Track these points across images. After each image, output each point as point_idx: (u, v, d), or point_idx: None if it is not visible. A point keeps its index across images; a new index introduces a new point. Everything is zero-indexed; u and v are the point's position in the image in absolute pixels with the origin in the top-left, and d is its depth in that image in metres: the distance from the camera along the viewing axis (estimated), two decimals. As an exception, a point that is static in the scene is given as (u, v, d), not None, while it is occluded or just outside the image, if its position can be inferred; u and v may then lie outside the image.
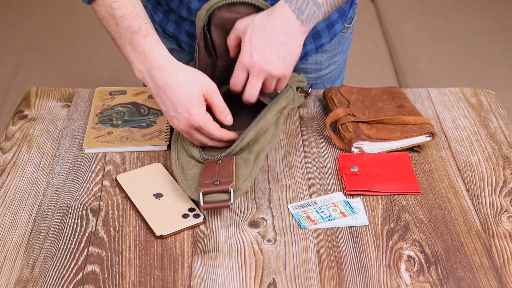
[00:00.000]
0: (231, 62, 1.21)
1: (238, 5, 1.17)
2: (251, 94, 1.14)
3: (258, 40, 1.11)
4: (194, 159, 1.11)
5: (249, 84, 1.13)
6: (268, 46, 1.11)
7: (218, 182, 1.04)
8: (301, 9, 1.13)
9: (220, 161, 1.08)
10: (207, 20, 1.17)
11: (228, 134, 1.11)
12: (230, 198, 1.03)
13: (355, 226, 1.04)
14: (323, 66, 1.39)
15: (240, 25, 1.15)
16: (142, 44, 1.08)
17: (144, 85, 1.51)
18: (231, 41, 1.17)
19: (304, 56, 1.35)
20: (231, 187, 1.03)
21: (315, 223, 1.04)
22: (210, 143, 1.11)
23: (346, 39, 1.40)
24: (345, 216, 1.05)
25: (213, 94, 1.10)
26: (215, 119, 1.11)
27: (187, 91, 1.07)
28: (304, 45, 1.33)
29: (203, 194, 1.03)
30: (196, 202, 1.07)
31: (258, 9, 1.18)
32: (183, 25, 1.32)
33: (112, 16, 1.10)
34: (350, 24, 1.39)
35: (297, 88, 1.25)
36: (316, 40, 1.33)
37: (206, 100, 1.09)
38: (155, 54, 1.08)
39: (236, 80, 1.14)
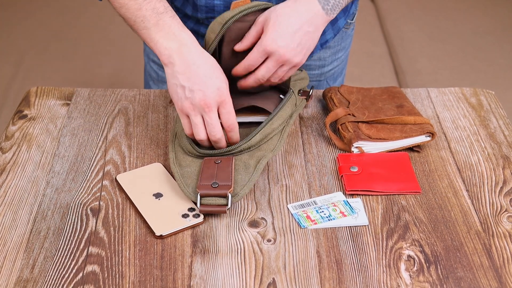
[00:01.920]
0: (230, 73, 1.21)
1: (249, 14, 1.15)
2: (263, 76, 1.14)
3: (283, 26, 1.11)
4: (191, 154, 1.11)
5: (266, 67, 1.13)
6: (293, 34, 1.11)
7: (216, 186, 1.04)
8: None
9: (220, 161, 1.08)
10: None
11: (235, 132, 1.11)
12: (227, 203, 1.03)
13: (355, 226, 1.04)
14: (326, 63, 1.39)
15: (262, 17, 1.14)
16: (170, 24, 1.09)
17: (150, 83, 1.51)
18: (251, 36, 1.14)
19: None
20: (229, 192, 1.03)
21: (315, 223, 1.04)
22: (210, 138, 1.10)
23: (348, 35, 1.41)
24: (345, 216, 1.05)
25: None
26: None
27: (218, 68, 1.09)
28: None
29: (201, 197, 1.04)
30: (195, 203, 1.07)
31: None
32: (188, 23, 1.32)
33: (134, 0, 1.10)
34: (352, 20, 1.39)
35: (299, 91, 1.25)
36: (321, 36, 1.33)
37: None
38: (183, 34, 1.09)
39: (253, 62, 1.13)
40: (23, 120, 1.26)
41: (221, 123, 1.09)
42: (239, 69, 1.15)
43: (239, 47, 1.15)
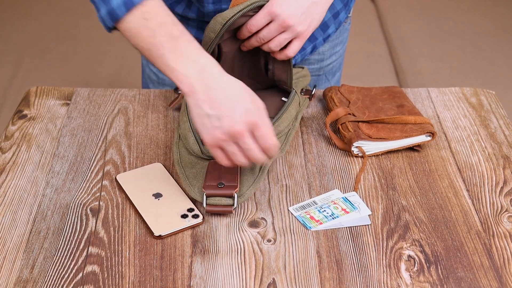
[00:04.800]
0: (233, 66, 1.21)
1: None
2: (265, 36, 1.12)
3: None
4: (195, 155, 1.11)
5: (268, 28, 1.12)
6: (300, 2, 1.11)
7: (222, 186, 1.04)
8: None
9: None
10: None
11: (275, 144, 1.01)
12: (233, 204, 1.03)
13: (355, 226, 1.04)
14: (325, 57, 1.40)
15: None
16: (187, 49, 1.01)
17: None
18: (259, 21, 1.12)
19: (313, 48, 1.35)
20: (235, 192, 1.03)
21: (320, 223, 1.04)
22: (244, 158, 1.01)
23: (346, 29, 1.42)
24: (348, 212, 1.05)
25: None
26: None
27: (244, 89, 1.02)
28: (315, 38, 1.33)
29: (207, 197, 1.03)
30: (195, 202, 1.07)
31: None
32: (189, 22, 1.31)
33: (146, 28, 1.02)
34: (350, 14, 1.40)
35: (301, 91, 1.25)
36: (324, 31, 1.34)
37: None
38: (203, 58, 1.01)
39: (256, 23, 1.12)
40: (22, 120, 1.26)
41: None
42: (243, 30, 1.14)
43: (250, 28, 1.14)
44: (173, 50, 1.01)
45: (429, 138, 1.18)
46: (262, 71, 1.23)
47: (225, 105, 0.99)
